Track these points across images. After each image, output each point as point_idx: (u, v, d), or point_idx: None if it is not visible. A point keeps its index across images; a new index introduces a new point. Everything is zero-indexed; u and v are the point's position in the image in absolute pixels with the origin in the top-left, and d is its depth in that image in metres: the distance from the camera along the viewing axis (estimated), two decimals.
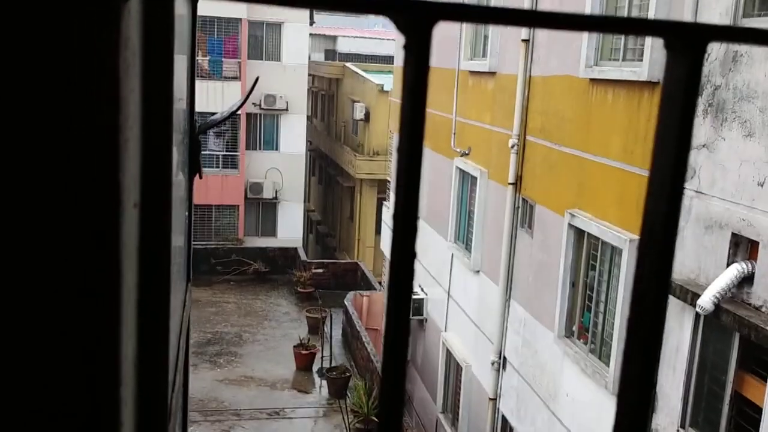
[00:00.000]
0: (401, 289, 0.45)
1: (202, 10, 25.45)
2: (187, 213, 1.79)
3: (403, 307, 0.46)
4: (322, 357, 18.25)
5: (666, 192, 0.50)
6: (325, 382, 17.49)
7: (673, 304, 7.18)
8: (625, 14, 8.39)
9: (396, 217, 0.46)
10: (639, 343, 0.51)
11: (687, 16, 7.04)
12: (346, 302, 20.10)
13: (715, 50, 6.70)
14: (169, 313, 0.81)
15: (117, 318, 0.52)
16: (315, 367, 18.34)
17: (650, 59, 7.55)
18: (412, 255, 0.45)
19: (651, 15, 7.61)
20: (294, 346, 18.55)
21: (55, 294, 0.52)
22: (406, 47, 0.48)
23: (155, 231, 0.71)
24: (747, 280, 6.26)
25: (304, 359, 18.30)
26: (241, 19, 26.11)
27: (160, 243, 0.73)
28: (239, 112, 26.22)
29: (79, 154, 0.49)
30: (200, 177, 1.88)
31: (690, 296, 6.72)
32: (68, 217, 0.50)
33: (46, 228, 0.51)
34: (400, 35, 0.49)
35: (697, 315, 6.75)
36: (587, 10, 8.84)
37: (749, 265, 6.24)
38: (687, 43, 0.48)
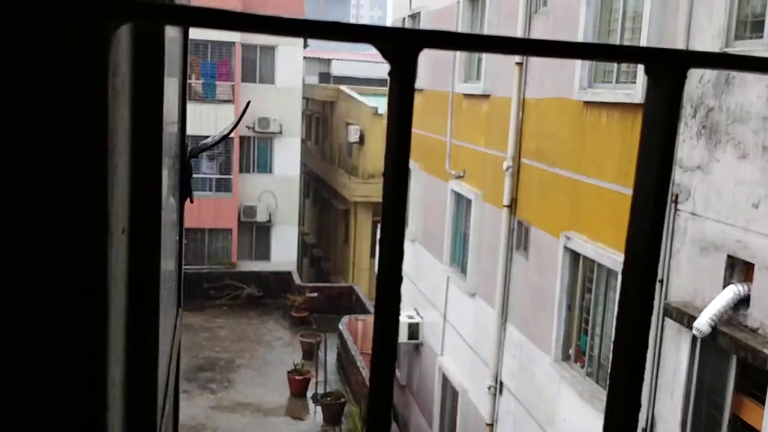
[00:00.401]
0: (388, 310, 0.44)
1: (196, 33, 25.60)
2: (177, 237, 1.78)
3: (391, 330, 0.45)
4: (316, 382, 18.11)
5: (649, 211, 0.50)
6: (319, 409, 17.34)
7: (670, 326, 7.17)
8: (618, 37, 8.48)
9: (383, 240, 0.45)
10: (625, 361, 0.51)
11: (679, 39, 7.11)
12: (340, 326, 20.01)
13: (708, 72, 6.76)
14: (159, 338, 0.80)
15: (104, 344, 0.51)
16: (309, 393, 18.19)
17: (644, 81, 7.61)
18: (399, 278, 0.45)
19: (643, 37, 7.68)
20: (288, 372, 18.41)
21: (40, 319, 0.51)
22: (391, 74, 0.48)
23: (144, 256, 0.70)
24: (743, 302, 6.26)
25: (299, 385, 18.15)
26: (234, 42, 26.26)
27: (149, 268, 0.72)
28: (232, 135, 26.28)
29: (66, 180, 0.49)
30: (191, 201, 1.87)
31: (686, 319, 6.71)
32: (54, 241, 0.50)
33: (31, 253, 0.50)
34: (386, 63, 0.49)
35: (694, 338, 6.73)
36: (580, 34, 8.92)
37: (745, 287, 6.24)
38: (667, 69, 0.49)
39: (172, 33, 1.50)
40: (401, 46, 0.47)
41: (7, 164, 0.48)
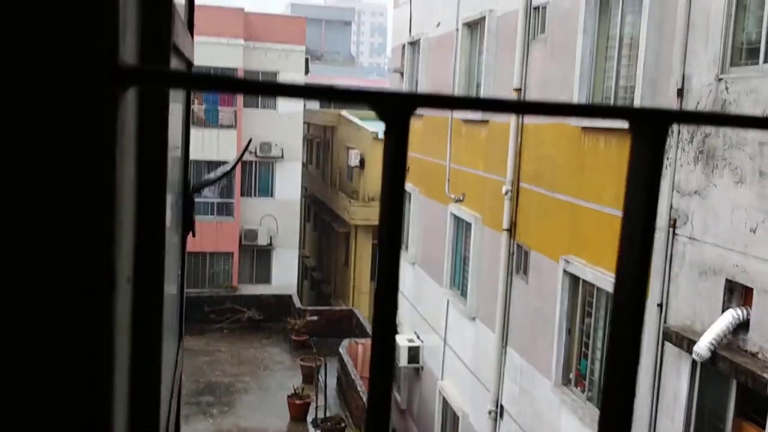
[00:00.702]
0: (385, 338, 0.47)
1: (199, 59, 25.85)
2: (179, 272, 1.81)
3: (388, 360, 0.48)
4: (316, 407, 18.00)
5: (636, 254, 0.53)
6: None
7: (670, 350, 7.16)
8: (615, 63, 8.54)
9: (377, 299, 0.48)
10: (617, 382, 0.53)
11: (676, 65, 7.18)
12: (341, 350, 19.93)
13: (704, 98, 6.82)
14: (160, 386, 0.82)
15: (108, 401, 0.54)
16: (309, 418, 18.07)
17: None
18: (393, 331, 0.47)
19: (640, 64, 7.75)
20: (288, 396, 18.31)
21: (45, 371, 0.53)
22: (386, 132, 0.51)
23: (147, 303, 0.72)
24: (742, 326, 6.26)
25: (299, 409, 18.04)
26: (237, 68, 26.46)
27: (152, 315, 0.74)
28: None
29: (73, 234, 0.51)
30: (194, 236, 1.90)
31: (686, 343, 6.70)
32: (62, 291, 0.52)
33: (40, 302, 0.52)
34: (382, 123, 0.52)
35: (694, 362, 6.72)
36: (577, 60, 9.00)
37: (744, 312, 6.24)
38: (650, 126, 0.52)
39: (178, 65, 1.53)
40: (395, 107, 0.50)
41: (19, 218, 0.51)
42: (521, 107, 0.53)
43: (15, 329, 0.51)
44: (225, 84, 0.51)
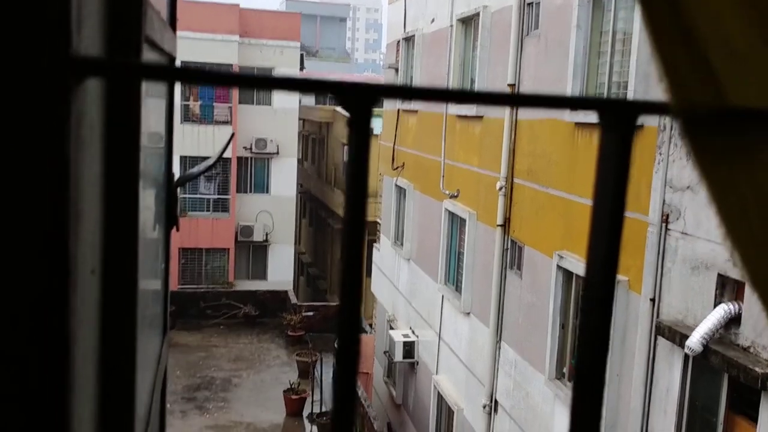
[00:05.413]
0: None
1: (194, 56, 25.69)
2: (164, 264, 1.81)
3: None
4: (312, 402, 18.03)
5: (604, 241, 0.53)
6: (315, 428, 17.25)
7: (662, 345, 7.18)
8: (608, 58, 8.55)
9: (342, 284, 0.48)
10: (589, 365, 0.53)
11: None
12: (336, 345, 19.94)
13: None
14: (135, 379, 0.82)
15: (65, 383, 0.53)
16: (305, 412, 18.11)
17: None
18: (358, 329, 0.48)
19: (633, 59, 7.75)
20: (284, 391, 18.34)
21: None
22: (349, 123, 0.51)
23: (117, 296, 0.72)
24: (734, 320, 6.28)
25: (295, 404, 18.08)
26: (232, 65, 26.41)
27: (124, 308, 0.74)
28: (230, 156, 26.35)
29: (26, 221, 0.51)
30: (177, 230, 1.90)
31: (678, 337, 6.73)
32: (13, 275, 0.52)
33: None
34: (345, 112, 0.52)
35: (686, 356, 6.74)
36: (571, 56, 9.01)
37: (736, 306, 6.27)
38: (619, 117, 0.52)
39: (156, 59, 1.53)
40: (357, 98, 0.51)
41: None
42: (482, 98, 0.54)
43: None
44: (180, 75, 0.51)
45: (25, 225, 0.49)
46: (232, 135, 3.16)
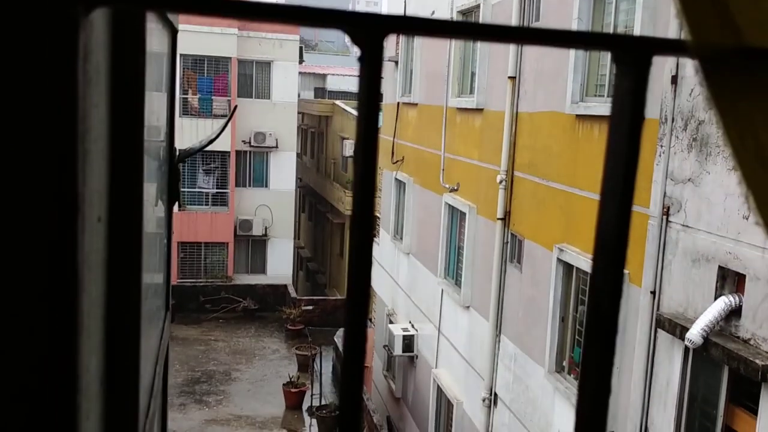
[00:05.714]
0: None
1: (193, 49, 25.62)
2: (166, 242, 1.79)
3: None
4: (312, 395, 18.05)
5: (616, 201, 0.51)
6: (315, 421, 17.27)
7: (663, 337, 7.18)
8: (608, 59, 8.52)
9: (353, 223, 0.46)
10: (596, 353, 0.52)
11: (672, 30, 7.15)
12: (336, 339, 19.98)
13: (698, 85, 6.81)
14: (140, 328, 0.81)
15: (75, 331, 0.52)
16: (305, 406, 18.13)
17: None
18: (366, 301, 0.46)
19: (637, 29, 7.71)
20: (283, 385, 18.35)
21: (6, 305, 0.52)
22: (360, 59, 0.49)
23: (125, 247, 0.71)
24: (735, 312, 6.27)
25: (294, 398, 18.09)
26: (231, 57, 26.37)
27: (130, 259, 0.73)
28: (228, 149, 26.32)
29: (34, 163, 0.50)
30: (179, 207, 1.89)
31: (679, 330, 6.72)
32: (21, 228, 0.51)
33: None
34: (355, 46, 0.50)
35: (687, 349, 6.74)
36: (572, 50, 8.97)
37: (737, 298, 6.26)
38: (634, 55, 0.50)
39: (159, 45, 1.52)
40: (369, 30, 0.49)
41: None
42: (490, 30, 0.52)
43: None
44: (191, 3, 0.50)
45: (33, 157, 0.48)
46: (235, 108, 3.14)
